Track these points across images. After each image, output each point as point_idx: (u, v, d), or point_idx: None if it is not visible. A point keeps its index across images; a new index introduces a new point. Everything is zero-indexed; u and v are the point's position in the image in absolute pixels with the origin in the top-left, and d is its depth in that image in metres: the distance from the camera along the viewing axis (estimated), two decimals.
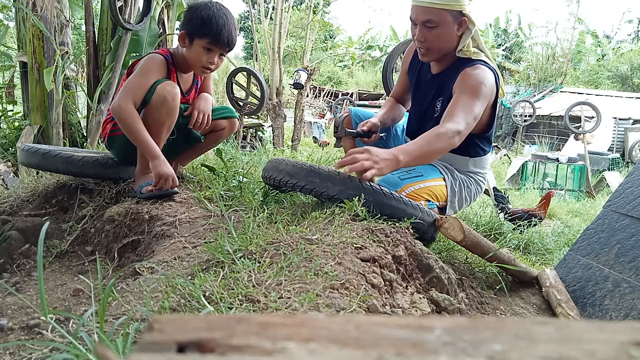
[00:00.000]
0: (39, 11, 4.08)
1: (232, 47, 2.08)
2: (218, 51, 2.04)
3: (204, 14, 1.99)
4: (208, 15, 1.99)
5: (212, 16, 1.98)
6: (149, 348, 0.23)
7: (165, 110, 1.95)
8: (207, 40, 2.00)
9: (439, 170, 2.10)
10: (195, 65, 2.07)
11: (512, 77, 23.40)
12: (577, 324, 0.32)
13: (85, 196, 2.14)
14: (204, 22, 1.98)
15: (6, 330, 1.22)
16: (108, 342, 0.85)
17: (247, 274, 1.13)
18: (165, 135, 2.03)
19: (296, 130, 7.83)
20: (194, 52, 2.03)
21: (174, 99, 1.94)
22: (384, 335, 0.25)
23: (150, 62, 2.03)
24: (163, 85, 1.93)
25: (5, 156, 4.16)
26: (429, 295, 1.38)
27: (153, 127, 1.96)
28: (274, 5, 7.99)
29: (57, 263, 1.83)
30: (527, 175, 7.71)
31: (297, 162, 1.80)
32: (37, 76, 4.16)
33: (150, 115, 1.96)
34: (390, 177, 1.96)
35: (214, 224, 1.73)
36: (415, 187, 1.97)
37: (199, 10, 2.00)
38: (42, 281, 0.85)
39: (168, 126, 2.01)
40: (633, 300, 1.71)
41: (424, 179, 2.01)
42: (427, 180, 2.02)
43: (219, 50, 2.04)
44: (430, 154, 1.79)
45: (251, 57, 19.39)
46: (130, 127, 1.92)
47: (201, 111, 2.13)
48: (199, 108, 2.14)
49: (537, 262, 2.81)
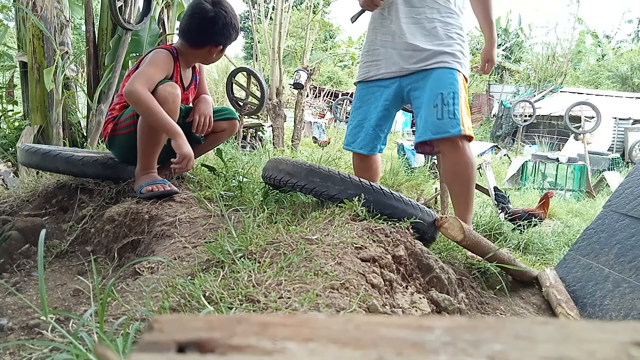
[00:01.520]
0: (39, 11, 4.08)
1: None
2: (225, 49, 2.19)
3: (220, 23, 2.06)
4: (225, 24, 2.07)
5: (228, 24, 2.08)
6: (149, 348, 0.23)
7: (165, 111, 1.95)
8: (222, 47, 2.15)
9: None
10: (203, 62, 2.25)
11: (512, 77, 23.41)
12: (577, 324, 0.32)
13: (85, 196, 2.14)
14: (222, 31, 2.08)
15: (6, 330, 1.22)
16: (108, 342, 0.85)
17: (247, 274, 1.13)
18: (165, 135, 2.03)
19: (296, 130, 7.83)
20: (206, 52, 2.14)
21: (174, 100, 1.95)
22: (384, 335, 0.25)
23: (160, 55, 2.06)
24: (164, 87, 1.94)
25: (5, 156, 4.16)
26: (429, 295, 1.38)
27: (153, 126, 1.96)
28: (274, 5, 7.99)
29: (57, 263, 1.83)
30: (527, 175, 7.71)
31: (297, 162, 1.81)
32: (37, 76, 4.16)
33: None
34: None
35: (214, 224, 1.73)
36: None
37: (218, 19, 2.05)
38: (43, 281, 0.86)
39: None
40: (633, 300, 1.71)
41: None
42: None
43: (226, 47, 2.19)
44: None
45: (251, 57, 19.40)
46: (149, 107, 1.86)
47: (202, 114, 2.15)
48: (199, 111, 2.16)
49: (537, 262, 2.81)
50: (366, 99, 2.29)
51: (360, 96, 2.32)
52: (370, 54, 2.27)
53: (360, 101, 2.31)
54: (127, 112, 2.10)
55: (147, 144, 2.02)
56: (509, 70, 24.19)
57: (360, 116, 2.30)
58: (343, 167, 4.02)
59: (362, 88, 2.32)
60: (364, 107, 2.29)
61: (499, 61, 24.13)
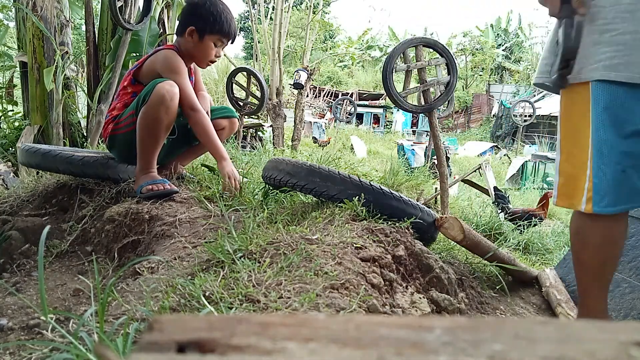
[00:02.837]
0: (39, 11, 4.08)
1: (235, 39, 2.19)
2: (225, 44, 2.16)
3: (214, 10, 2.07)
4: (217, 10, 2.07)
5: (221, 12, 2.07)
6: (149, 348, 0.23)
7: (163, 109, 1.94)
8: (218, 36, 2.10)
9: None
10: (203, 59, 2.17)
11: (512, 77, 23.42)
12: (577, 324, 0.32)
13: (85, 196, 2.14)
14: (215, 18, 2.07)
15: (6, 330, 1.22)
16: (108, 342, 0.85)
17: (247, 274, 1.13)
18: (164, 134, 2.02)
19: (296, 130, 7.83)
20: (204, 47, 2.11)
21: (172, 98, 1.94)
22: (384, 335, 0.25)
23: (175, 60, 2.07)
24: (162, 85, 1.93)
25: (5, 156, 4.16)
26: (429, 295, 1.38)
27: (151, 125, 1.96)
28: (274, 5, 7.99)
29: (57, 263, 1.83)
30: (527, 175, 7.71)
31: (297, 162, 1.81)
32: (37, 76, 4.16)
33: (148, 114, 1.95)
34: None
35: (214, 224, 1.73)
36: None
37: (208, 6, 2.07)
38: (43, 281, 0.86)
39: (167, 125, 2.00)
40: (633, 300, 1.71)
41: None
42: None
43: (226, 43, 2.15)
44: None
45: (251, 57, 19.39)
46: (208, 131, 2.06)
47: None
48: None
49: (537, 262, 2.82)
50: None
51: (623, 109, 1.29)
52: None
53: (627, 115, 1.29)
54: (128, 110, 2.10)
55: (146, 143, 2.02)
56: (509, 70, 24.20)
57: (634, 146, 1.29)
58: (343, 167, 4.02)
59: (626, 96, 1.28)
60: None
61: (499, 61, 24.14)
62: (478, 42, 24.39)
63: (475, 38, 24.65)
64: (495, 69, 24.50)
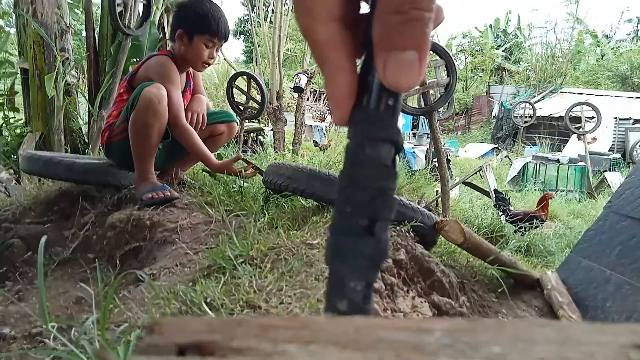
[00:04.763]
0: (40, 17, 4.09)
1: (228, 38, 2.16)
2: (217, 45, 2.12)
3: (200, 11, 2.05)
4: (204, 11, 2.05)
5: (207, 11, 2.05)
6: (149, 351, 0.23)
7: (151, 113, 1.91)
8: (208, 36, 2.07)
9: None
10: (196, 61, 2.13)
11: (512, 78, 23.42)
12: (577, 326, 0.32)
13: (87, 203, 2.14)
14: (202, 19, 2.05)
15: (8, 339, 1.22)
16: (109, 350, 0.85)
17: (248, 280, 1.13)
18: (157, 138, 1.99)
19: (297, 133, 7.84)
20: (195, 49, 2.08)
21: (160, 101, 1.91)
22: (383, 337, 0.25)
23: (166, 66, 2.05)
24: (149, 89, 1.91)
25: (7, 163, 4.17)
26: (430, 299, 1.38)
27: (141, 130, 1.94)
28: (274, 8, 8.01)
29: (60, 270, 1.83)
30: (528, 176, 7.71)
31: (298, 166, 1.81)
32: (38, 83, 4.17)
33: (137, 120, 1.93)
34: None
35: (215, 230, 1.73)
36: None
37: (194, 8, 2.06)
38: (43, 290, 0.86)
39: (158, 129, 1.96)
40: (635, 302, 1.71)
41: None
42: None
43: (218, 43, 2.12)
44: None
45: (251, 61, 19.43)
46: (192, 140, 2.06)
47: (194, 111, 2.16)
48: (192, 109, 2.19)
49: (538, 264, 2.81)
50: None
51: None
52: None
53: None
54: (120, 117, 2.09)
55: (140, 150, 2.00)
56: (508, 72, 24.20)
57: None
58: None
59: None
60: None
61: (498, 62, 24.15)
62: (477, 43, 24.41)
63: (474, 39, 24.67)
64: (495, 70, 24.51)
